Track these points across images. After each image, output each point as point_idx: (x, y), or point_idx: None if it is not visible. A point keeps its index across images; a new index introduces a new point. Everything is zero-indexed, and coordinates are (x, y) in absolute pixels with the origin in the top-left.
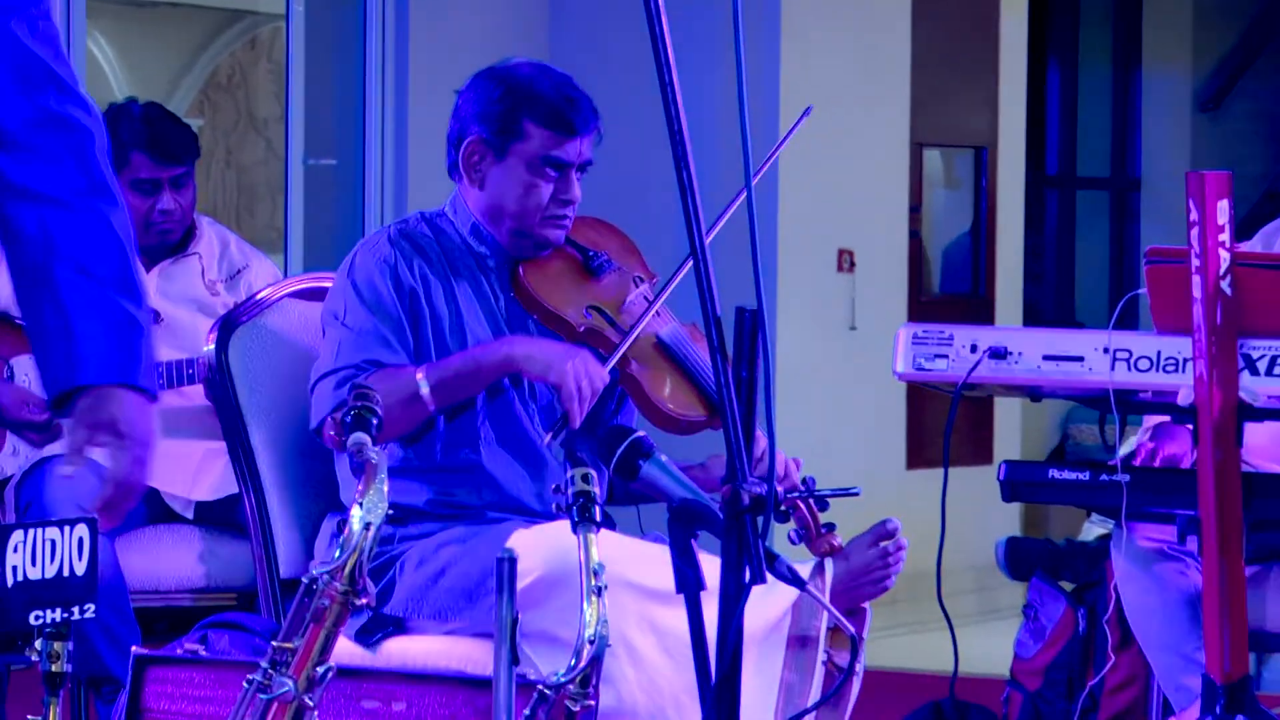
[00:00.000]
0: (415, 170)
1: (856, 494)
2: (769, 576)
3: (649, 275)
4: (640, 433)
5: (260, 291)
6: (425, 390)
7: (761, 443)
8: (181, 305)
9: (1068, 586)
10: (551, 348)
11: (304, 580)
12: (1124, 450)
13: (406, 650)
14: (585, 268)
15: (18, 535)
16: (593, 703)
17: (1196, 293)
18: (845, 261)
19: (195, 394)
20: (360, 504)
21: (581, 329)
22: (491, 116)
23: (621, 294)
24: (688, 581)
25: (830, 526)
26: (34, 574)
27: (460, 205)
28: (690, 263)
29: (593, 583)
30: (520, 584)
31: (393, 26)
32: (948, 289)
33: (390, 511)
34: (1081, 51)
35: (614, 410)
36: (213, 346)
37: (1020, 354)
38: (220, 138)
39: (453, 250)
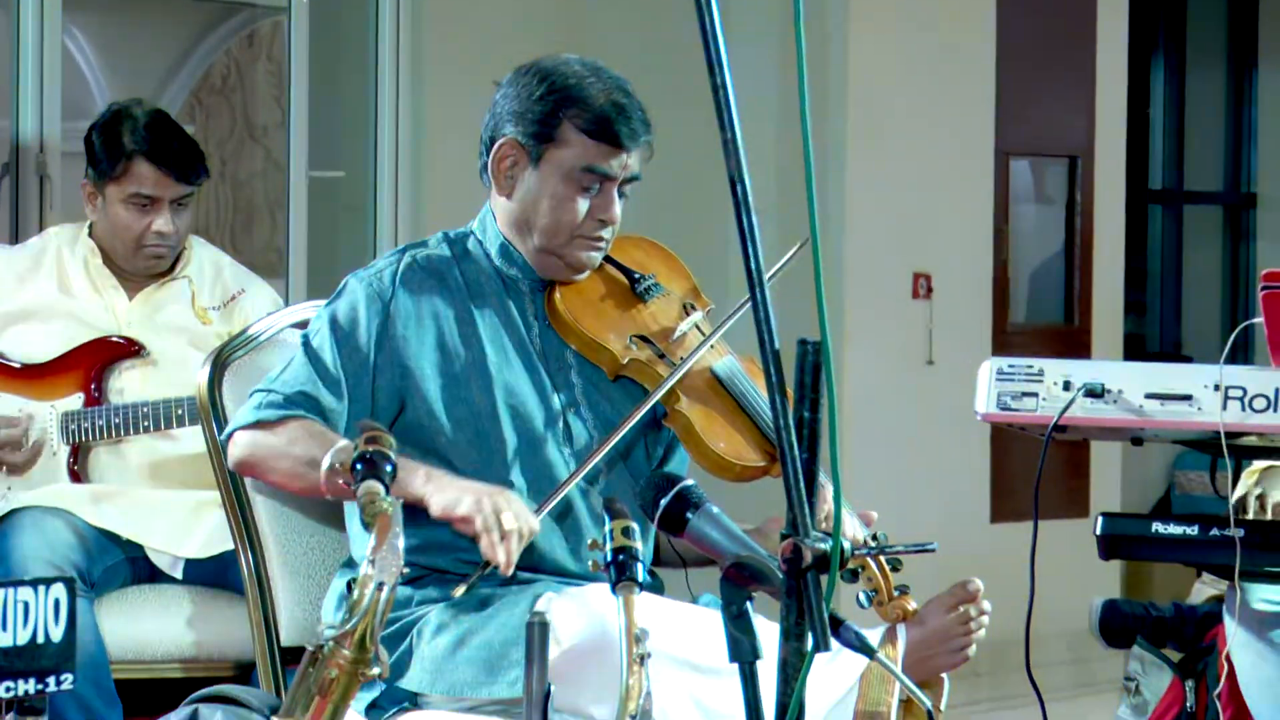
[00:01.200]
0: (433, 184)
1: (933, 550)
2: (834, 644)
3: (702, 302)
4: (689, 481)
5: (258, 321)
6: (326, 464)
7: (826, 492)
8: (168, 336)
9: (1174, 656)
10: (465, 484)
11: (308, 648)
12: (1235, 499)
13: None
14: (630, 292)
15: None
16: None
17: None
18: (921, 287)
19: (185, 437)
20: (373, 561)
21: (626, 360)
22: (530, 116)
23: (671, 322)
24: (742, 650)
25: (904, 588)
26: (4, 640)
27: (489, 221)
28: (749, 291)
29: (635, 650)
30: (552, 653)
31: (408, 19)
32: (1037, 318)
33: (406, 570)
34: (1190, 49)
35: (660, 455)
36: (205, 383)
37: (1120, 392)
38: (213, 147)
39: (479, 275)
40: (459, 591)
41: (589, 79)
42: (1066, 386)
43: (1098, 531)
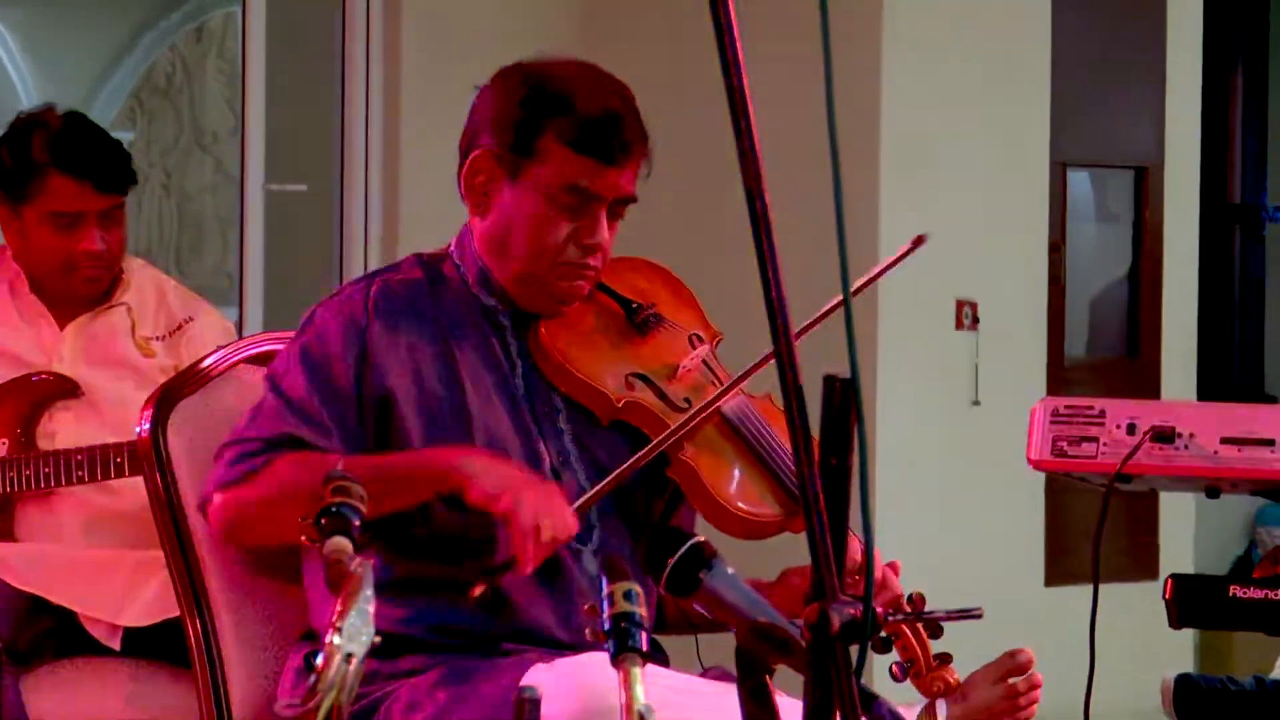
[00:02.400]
0: (409, 199)
1: (979, 616)
2: None
3: (710, 334)
4: (699, 537)
5: (208, 354)
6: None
7: (856, 549)
8: (105, 372)
9: None
10: (510, 469)
11: None
12: None
13: None
14: (627, 323)
15: None
16: None
17: None
18: (965, 316)
19: (126, 489)
20: (339, 629)
21: (621, 403)
22: (508, 124)
23: (674, 358)
24: None
25: (944, 658)
26: None
27: (468, 243)
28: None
29: None
30: None
31: (381, 10)
32: (1098, 352)
33: (377, 640)
34: (1274, 48)
35: (665, 509)
36: (148, 426)
37: (1192, 436)
38: (157, 157)
39: (456, 304)
40: (477, 591)
41: (579, 82)
42: (1131, 430)
43: (1168, 596)
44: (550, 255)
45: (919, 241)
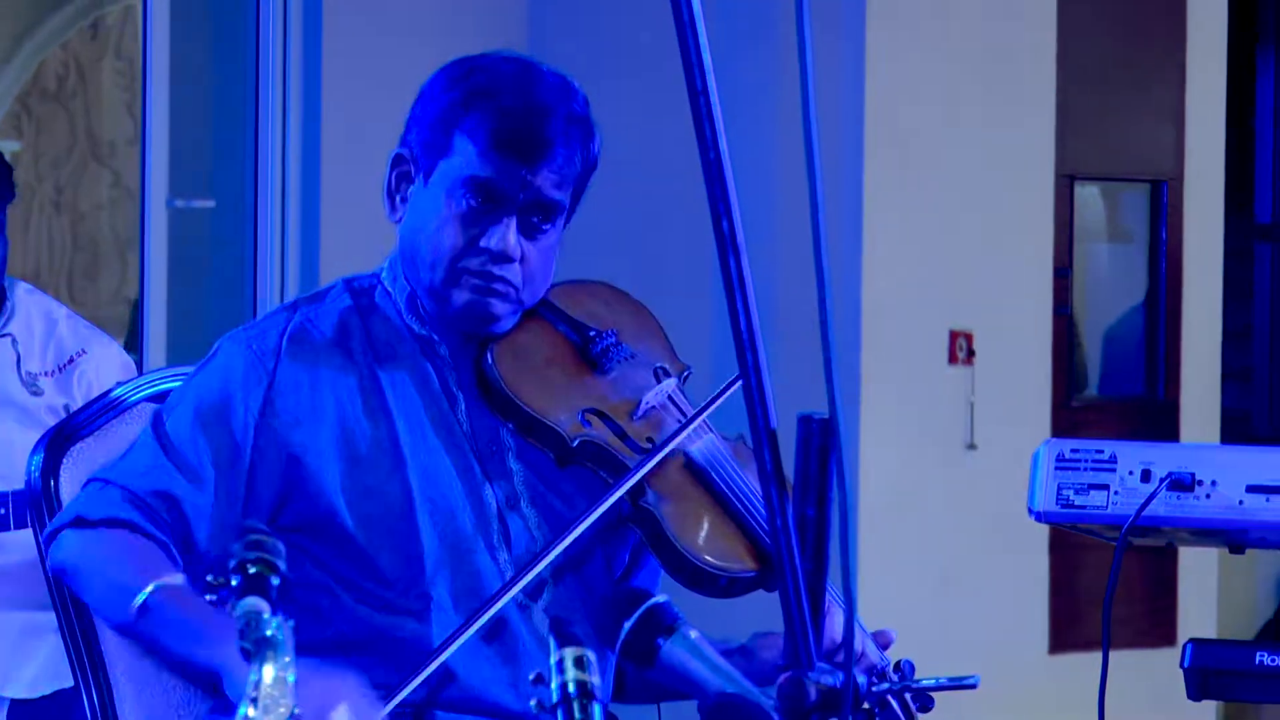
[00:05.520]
0: (331, 216)
1: (974, 686)
2: None
3: (677, 366)
4: (661, 597)
5: (107, 392)
6: (139, 601)
7: (836, 613)
8: None
9: None
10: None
11: None
12: None
13: None
14: (584, 353)
15: None
16: None
17: None
18: (959, 349)
19: (13, 543)
20: (254, 700)
21: (575, 443)
22: (426, 121)
23: (636, 393)
24: None
25: None
26: None
27: (397, 266)
28: (738, 355)
29: None
30: None
31: (298, 5)
32: (1111, 389)
33: (298, 710)
34: None
35: (624, 562)
36: (37, 472)
37: (1214, 483)
38: (46, 169)
39: (388, 334)
40: None
41: (505, 77)
42: (1146, 477)
43: (1186, 664)
44: (448, 262)
45: (733, 383)
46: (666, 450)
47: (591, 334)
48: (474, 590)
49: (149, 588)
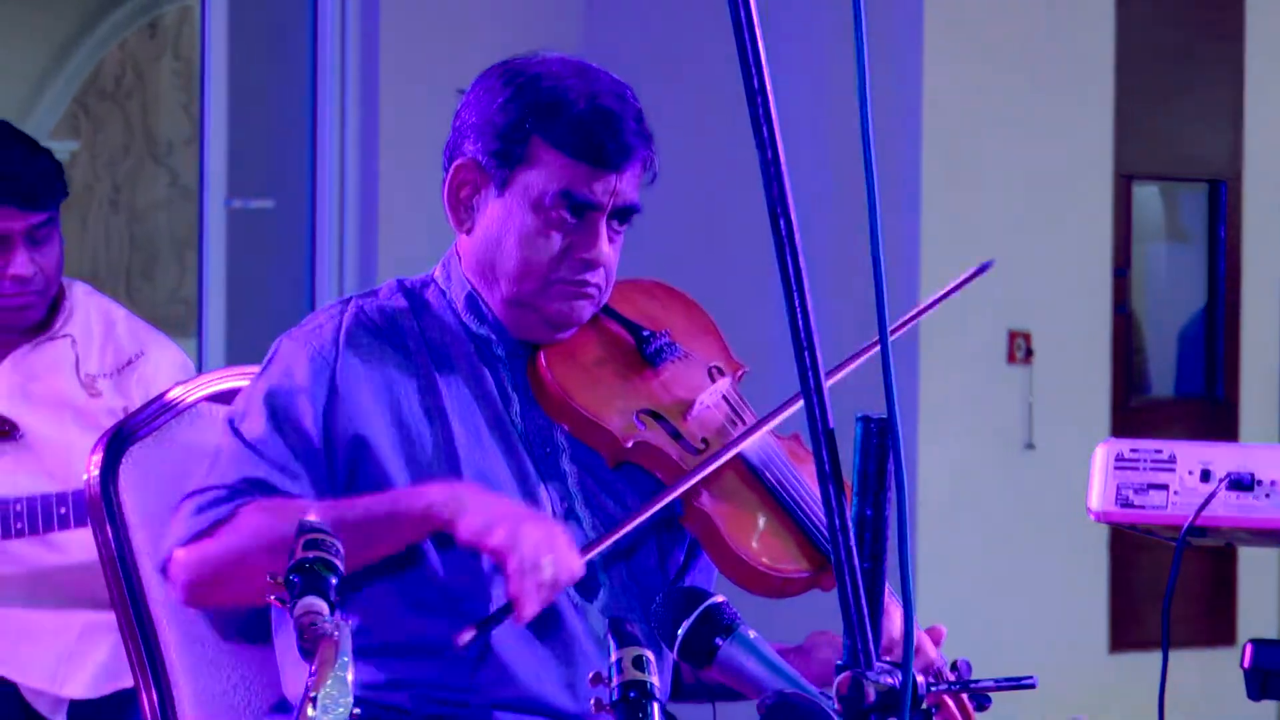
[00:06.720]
0: (388, 216)
1: (1032, 686)
2: None
3: (733, 366)
4: (718, 597)
5: (164, 393)
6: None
7: (895, 612)
8: (46, 412)
9: None
10: (504, 502)
11: None
12: None
13: None
14: (638, 353)
15: None
16: None
17: None
18: (1018, 349)
19: (70, 544)
20: (313, 700)
21: (630, 443)
22: (493, 129)
23: (691, 393)
24: None
25: None
26: None
27: (454, 266)
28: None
29: None
30: None
31: (356, 5)
32: (1169, 389)
33: (356, 711)
34: None
35: (679, 563)
36: (97, 473)
37: (1274, 483)
38: (104, 169)
39: (443, 334)
40: (466, 638)
41: (569, 80)
42: (1206, 477)
43: (1246, 664)
44: (542, 273)
45: (984, 267)
46: (728, 453)
47: (645, 334)
48: None
49: (311, 517)
